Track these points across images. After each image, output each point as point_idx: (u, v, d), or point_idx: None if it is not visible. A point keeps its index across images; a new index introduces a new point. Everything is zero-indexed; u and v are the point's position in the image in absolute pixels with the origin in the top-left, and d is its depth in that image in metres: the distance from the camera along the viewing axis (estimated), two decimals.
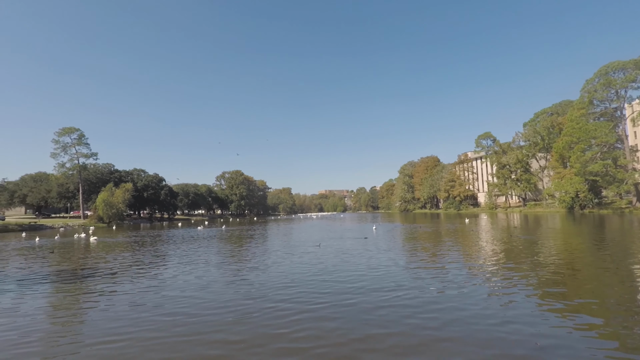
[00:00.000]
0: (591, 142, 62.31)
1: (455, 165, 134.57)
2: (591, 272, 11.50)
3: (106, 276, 13.65)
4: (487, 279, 11.00)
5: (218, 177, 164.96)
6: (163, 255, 19.82)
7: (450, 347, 5.93)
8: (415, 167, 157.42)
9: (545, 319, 7.15)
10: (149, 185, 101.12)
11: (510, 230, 30.34)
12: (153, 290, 11.02)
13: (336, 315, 7.84)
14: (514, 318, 7.22)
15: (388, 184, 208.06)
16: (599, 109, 64.77)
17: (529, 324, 6.88)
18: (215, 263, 16.38)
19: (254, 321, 7.58)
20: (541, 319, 7.16)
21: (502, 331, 6.54)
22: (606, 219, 41.89)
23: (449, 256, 16.09)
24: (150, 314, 8.37)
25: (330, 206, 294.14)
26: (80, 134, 79.95)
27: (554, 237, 23.57)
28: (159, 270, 14.67)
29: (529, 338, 6.16)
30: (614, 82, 59.73)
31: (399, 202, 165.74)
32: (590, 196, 64.10)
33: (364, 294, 9.58)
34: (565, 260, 14.02)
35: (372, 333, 6.66)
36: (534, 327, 6.70)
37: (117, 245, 26.99)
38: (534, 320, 7.08)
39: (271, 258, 17.39)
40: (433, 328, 6.83)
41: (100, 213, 73.08)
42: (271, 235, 35.03)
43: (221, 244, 26.85)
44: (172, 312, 8.46)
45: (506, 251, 17.28)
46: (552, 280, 10.54)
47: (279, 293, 10.02)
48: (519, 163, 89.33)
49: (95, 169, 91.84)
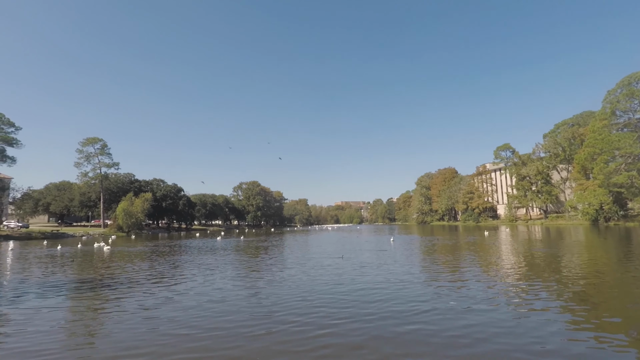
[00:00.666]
0: (615, 153, 60.59)
1: (473, 176, 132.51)
2: (621, 289, 11.05)
3: (122, 287, 13.68)
4: (512, 296, 10.67)
5: (235, 187, 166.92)
6: (180, 266, 20.01)
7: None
8: (432, 179, 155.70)
9: (576, 338, 6.91)
10: (168, 195, 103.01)
11: (532, 243, 29.52)
12: (169, 302, 10.88)
13: (357, 333, 7.67)
14: (544, 338, 7.00)
15: (405, 196, 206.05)
16: (622, 120, 63.08)
17: (560, 343, 6.65)
18: (232, 275, 16.31)
19: (272, 338, 7.45)
20: (573, 338, 6.92)
21: (531, 351, 6.35)
22: (633, 232, 40.30)
23: (470, 271, 15.73)
24: (166, 328, 8.22)
25: (347, 218, 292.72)
26: (103, 144, 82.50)
27: (579, 251, 22.79)
28: (175, 282, 14.63)
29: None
30: (637, 92, 58.21)
31: (416, 214, 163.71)
32: (615, 208, 61.99)
33: (385, 311, 9.40)
34: (593, 275, 13.51)
35: (397, 352, 6.57)
36: (566, 347, 6.48)
37: (135, 255, 27.44)
38: (566, 339, 6.86)
39: (288, 271, 17.29)
40: (462, 346, 6.67)
41: (120, 222, 74.68)
42: (289, 246, 35.06)
43: (239, 255, 26.98)
44: (188, 326, 8.31)
45: (530, 266, 16.79)
46: (581, 297, 10.15)
47: (297, 308, 9.83)
48: (540, 174, 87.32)
49: (117, 179, 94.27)
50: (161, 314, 9.57)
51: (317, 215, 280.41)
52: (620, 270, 14.74)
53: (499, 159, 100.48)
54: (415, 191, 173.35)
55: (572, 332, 7.30)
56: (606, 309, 9.01)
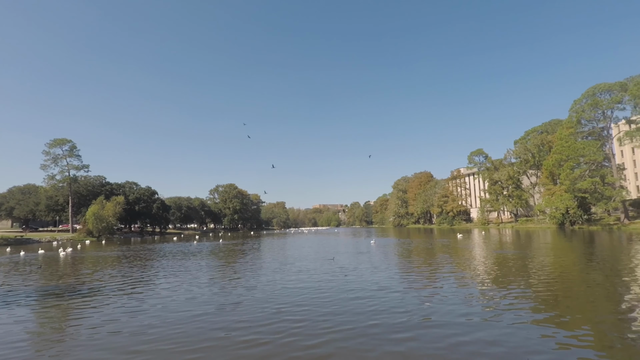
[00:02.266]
0: (580, 160, 63.54)
1: (448, 181, 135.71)
2: (583, 289, 11.60)
3: (85, 296, 12.86)
4: (480, 297, 11.02)
5: (211, 190, 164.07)
6: (152, 272, 19.52)
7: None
8: (409, 183, 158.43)
9: (538, 336, 7.17)
10: (141, 198, 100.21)
11: (503, 246, 30.49)
12: (136, 312, 10.30)
13: (341, 344, 7.61)
14: (506, 337, 7.23)
15: (382, 199, 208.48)
16: (586, 128, 66.31)
17: (521, 341, 6.90)
18: (206, 282, 15.93)
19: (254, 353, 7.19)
20: (535, 336, 7.18)
21: (493, 351, 6.56)
22: (595, 235, 42.33)
23: (443, 274, 16.09)
24: (131, 342, 7.64)
25: (325, 221, 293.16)
26: (72, 146, 79.42)
27: (547, 253, 23.71)
28: (145, 289, 13.98)
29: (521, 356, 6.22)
30: (601, 102, 61.36)
31: (393, 217, 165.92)
32: (580, 212, 64.91)
33: (357, 319, 9.49)
34: (558, 277, 14.09)
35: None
36: (526, 344, 6.73)
37: (103, 261, 26.49)
38: (527, 337, 7.11)
39: (265, 277, 17.09)
40: (430, 350, 6.83)
41: (89, 227, 71.95)
42: (267, 250, 34.75)
43: (216, 260, 26.55)
44: (156, 340, 7.70)
45: (500, 268, 17.34)
46: (545, 297, 10.61)
47: (273, 319, 9.25)
48: (511, 179, 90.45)
49: (86, 182, 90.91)
50: (128, 326, 8.97)
51: (295, 218, 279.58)
52: (584, 272, 15.43)
53: (472, 164, 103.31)
54: (392, 194, 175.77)
55: (533, 331, 7.59)
56: (567, 308, 9.40)
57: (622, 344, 6.80)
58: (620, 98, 59.59)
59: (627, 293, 11.14)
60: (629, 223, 59.08)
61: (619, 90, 59.81)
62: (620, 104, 60.23)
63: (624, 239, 34.95)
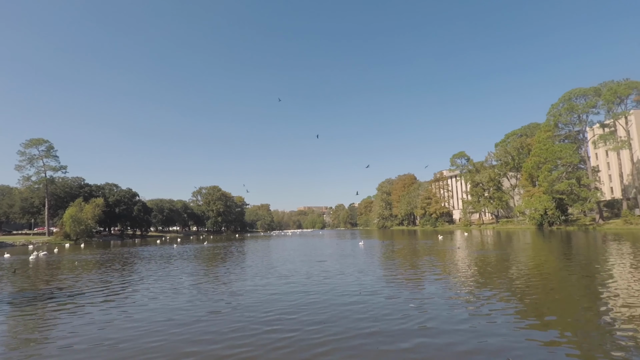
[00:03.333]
0: (557, 163, 65.53)
1: (431, 183, 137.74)
2: (561, 288, 11.91)
3: (54, 303, 12.08)
4: (461, 296, 11.18)
5: (194, 192, 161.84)
6: (130, 278, 19.05)
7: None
8: (392, 185, 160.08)
9: (517, 334, 7.30)
10: (121, 200, 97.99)
11: (485, 247, 31.07)
12: (108, 323, 9.38)
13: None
14: (488, 334, 7.35)
15: (366, 201, 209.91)
16: (563, 132, 68.49)
17: (502, 339, 7.02)
18: (187, 288, 15.39)
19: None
20: (514, 333, 7.30)
21: (476, 348, 6.65)
22: (572, 235, 43.64)
23: (429, 277, 16.26)
24: (101, 357, 6.95)
25: (309, 223, 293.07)
26: (49, 146, 77.12)
27: (527, 254, 24.29)
28: (119, 297, 13.00)
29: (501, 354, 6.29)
30: (576, 107, 63.46)
31: (377, 219, 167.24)
32: (558, 213, 66.82)
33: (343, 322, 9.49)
34: (538, 276, 14.44)
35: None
36: (507, 342, 6.85)
37: (79, 265, 25.75)
38: (507, 335, 7.23)
39: (253, 280, 16.95)
40: (408, 349, 6.87)
41: (67, 229, 69.83)
42: (254, 253, 34.45)
43: (198, 264, 26.14)
44: (129, 356, 6.92)
45: (481, 267, 17.65)
46: (524, 295, 10.83)
47: (260, 329, 8.47)
48: (492, 181, 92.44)
49: (64, 183, 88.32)
50: (94, 340, 8.05)
51: (279, 220, 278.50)
52: (561, 271, 15.87)
53: (455, 166, 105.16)
54: (376, 196, 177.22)
55: (513, 330, 7.74)
56: (545, 305, 9.65)
57: (601, 342, 6.99)
58: (595, 103, 61.76)
59: (604, 291, 11.49)
60: (604, 223, 61.17)
61: (593, 95, 61.98)
62: (595, 108, 62.43)
63: (599, 239, 36.13)
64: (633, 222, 56.10)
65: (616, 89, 58.10)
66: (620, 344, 6.64)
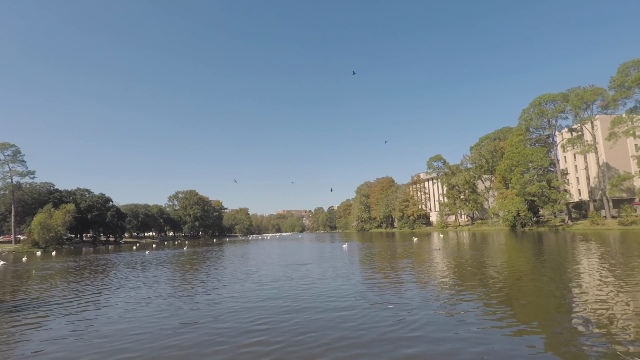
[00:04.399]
0: (529, 165, 67.98)
1: (409, 185, 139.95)
2: (533, 285, 12.31)
3: (25, 315, 11.49)
4: (438, 296, 11.35)
5: (171, 197, 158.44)
6: (104, 286, 18.42)
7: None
8: (371, 188, 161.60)
9: (491, 333, 7.47)
10: (94, 206, 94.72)
11: (461, 247, 31.78)
12: (67, 340, 8.66)
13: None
14: (464, 334, 7.48)
15: (345, 204, 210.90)
16: (534, 136, 71.18)
17: (477, 339, 7.17)
18: (161, 297, 15.13)
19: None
20: (489, 333, 7.47)
21: (450, 348, 6.76)
22: (543, 236, 45.29)
23: (406, 277, 16.48)
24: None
25: (288, 226, 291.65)
26: (16, 150, 73.90)
27: (501, 255, 25.00)
28: (94, 308, 12.42)
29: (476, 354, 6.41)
30: (546, 112, 66.10)
31: (356, 222, 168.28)
32: (530, 215, 69.21)
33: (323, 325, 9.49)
34: (512, 275, 14.87)
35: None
36: (481, 341, 7.00)
37: (41, 275, 24.70)
38: (482, 334, 7.39)
39: (231, 287, 16.67)
40: (390, 345, 6.93)
41: (35, 237, 66.82)
42: (232, 258, 33.93)
43: (174, 271, 25.51)
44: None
45: (457, 268, 18.02)
46: (499, 294, 11.13)
47: (239, 343, 8.06)
48: (467, 184, 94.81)
49: (32, 189, 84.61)
50: (73, 353, 7.63)
51: (258, 224, 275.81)
52: (533, 270, 16.42)
53: (431, 169, 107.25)
54: (355, 199, 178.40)
55: (488, 328, 7.95)
56: (518, 303, 9.96)
57: (572, 339, 7.25)
58: (563, 108, 64.50)
59: (574, 288, 11.96)
60: (572, 224, 63.80)
61: (562, 101, 64.72)
62: (563, 113, 65.19)
63: (568, 239, 37.65)
64: (599, 222, 58.76)
65: (583, 95, 60.88)
66: (589, 342, 6.92)
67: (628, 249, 24.72)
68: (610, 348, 6.49)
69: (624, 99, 57.16)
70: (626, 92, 55.70)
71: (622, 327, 7.69)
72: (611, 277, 13.71)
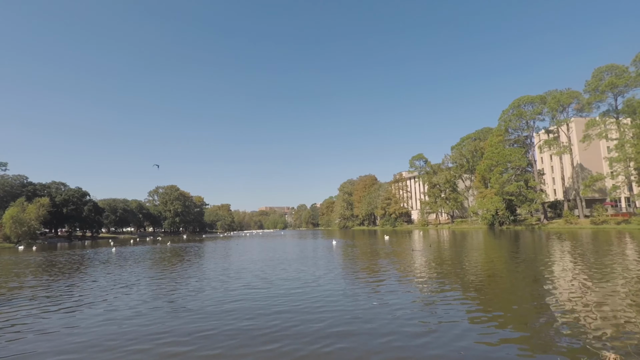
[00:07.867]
0: (507, 166, 69.73)
1: (391, 184, 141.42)
2: (508, 281, 12.65)
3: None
4: (417, 292, 11.51)
5: (151, 192, 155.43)
6: (77, 284, 17.94)
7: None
8: (354, 185, 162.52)
9: (469, 329, 7.64)
10: (70, 200, 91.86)
11: (441, 245, 32.34)
12: (57, 333, 8.44)
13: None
14: (440, 329, 7.62)
15: (328, 201, 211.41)
16: (513, 136, 73.05)
17: (454, 334, 7.31)
18: (135, 297, 14.81)
19: None
20: (466, 329, 7.63)
21: (428, 344, 6.87)
22: (520, 234, 46.60)
23: (387, 273, 16.62)
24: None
25: (271, 223, 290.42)
26: None
27: (479, 252, 25.56)
28: (69, 305, 12.10)
29: (454, 350, 6.54)
30: (525, 113, 67.91)
31: (339, 219, 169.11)
32: (507, 214, 71.05)
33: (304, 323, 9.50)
34: (487, 271, 15.22)
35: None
36: (459, 337, 7.14)
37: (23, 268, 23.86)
38: (459, 329, 7.55)
39: (213, 284, 16.45)
40: (368, 340, 6.99)
41: (7, 231, 64.39)
42: (212, 255, 33.51)
43: (152, 268, 25.03)
44: None
45: (436, 264, 18.33)
46: (476, 289, 11.37)
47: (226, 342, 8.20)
48: (448, 183, 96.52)
49: (3, 182, 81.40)
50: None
51: (240, 220, 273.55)
52: (510, 266, 16.88)
53: (413, 168, 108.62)
54: (338, 197, 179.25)
55: (466, 323, 8.14)
56: (495, 298, 10.21)
57: (548, 334, 7.49)
58: (541, 110, 66.41)
59: (548, 284, 12.36)
60: (548, 223, 65.86)
61: (540, 103, 66.60)
62: (541, 115, 67.17)
63: (543, 237, 38.85)
64: (573, 221, 60.91)
65: (559, 98, 62.78)
66: (565, 335, 7.17)
67: (598, 246, 25.71)
68: (584, 341, 6.72)
69: (598, 102, 59.34)
70: (600, 96, 57.79)
71: (594, 320, 7.99)
72: (582, 274, 14.22)
